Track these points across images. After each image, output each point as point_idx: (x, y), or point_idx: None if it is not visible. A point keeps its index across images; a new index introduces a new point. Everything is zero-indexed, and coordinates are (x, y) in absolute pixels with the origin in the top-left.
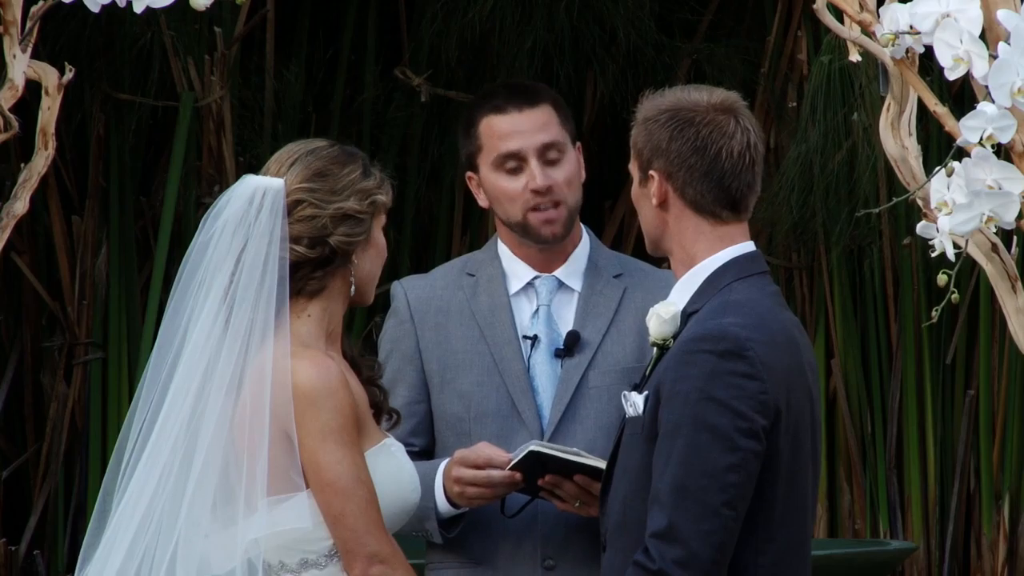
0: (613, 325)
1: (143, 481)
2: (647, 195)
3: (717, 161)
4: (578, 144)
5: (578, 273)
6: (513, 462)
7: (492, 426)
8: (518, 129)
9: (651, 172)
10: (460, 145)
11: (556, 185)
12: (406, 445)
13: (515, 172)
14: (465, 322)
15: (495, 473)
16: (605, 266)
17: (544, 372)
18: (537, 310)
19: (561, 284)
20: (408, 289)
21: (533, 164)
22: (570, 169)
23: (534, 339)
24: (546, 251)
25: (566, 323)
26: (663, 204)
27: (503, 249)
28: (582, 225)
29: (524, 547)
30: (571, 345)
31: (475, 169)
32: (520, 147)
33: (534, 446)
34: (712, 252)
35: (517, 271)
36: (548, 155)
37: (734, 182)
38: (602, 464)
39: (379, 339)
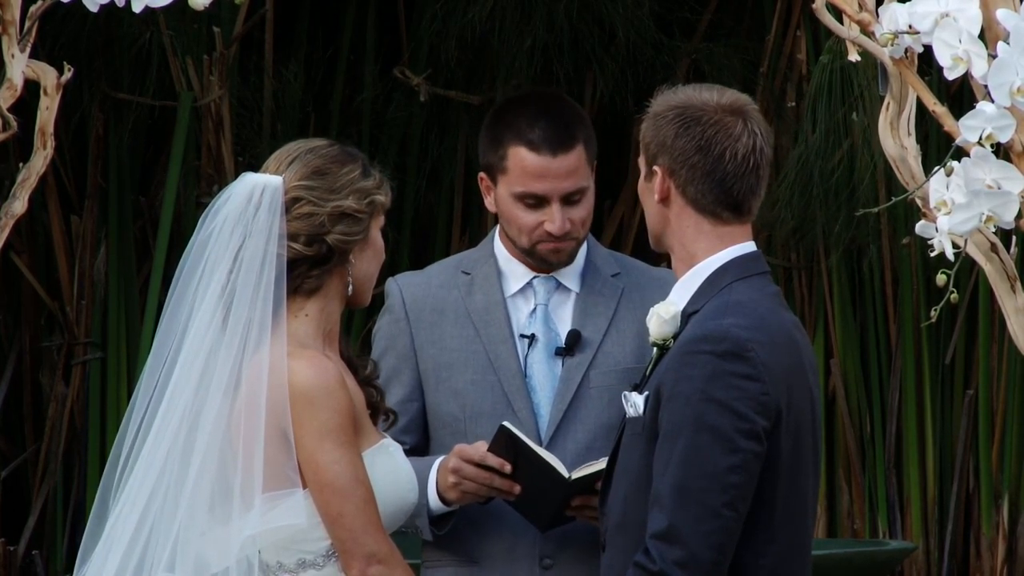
0: (612, 325)
1: (141, 480)
2: (651, 190)
3: (720, 162)
4: (594, 164)
5: (576, 274)
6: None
7: (487, 425)
8: (548, 175)
9: (655, 167)
10: (480, 147)
11: (573, 226)
12: (398, 442)
13: (534, 207)
14: (460, 320)
15: (497, 480)
16: (603, 266)
17: (541, 371)
18: (535, 309)
19: (559, 285)
20: (403, 286)
21: (555, 208)
22: (589, 206)
23: (531, 338)
24: None
25: (564, 323)
26: (665, 200)
27: (500, 249)
28: None
29: (521, 546)
30: (572, 344)
31: (492, 179)
32: (546, 192)
33: (506, 424)
34: (712, 251)
35: (515, 271)
36: (572, 198)
37: (736, 184)
38: (563, 470)
39: (373, 335)
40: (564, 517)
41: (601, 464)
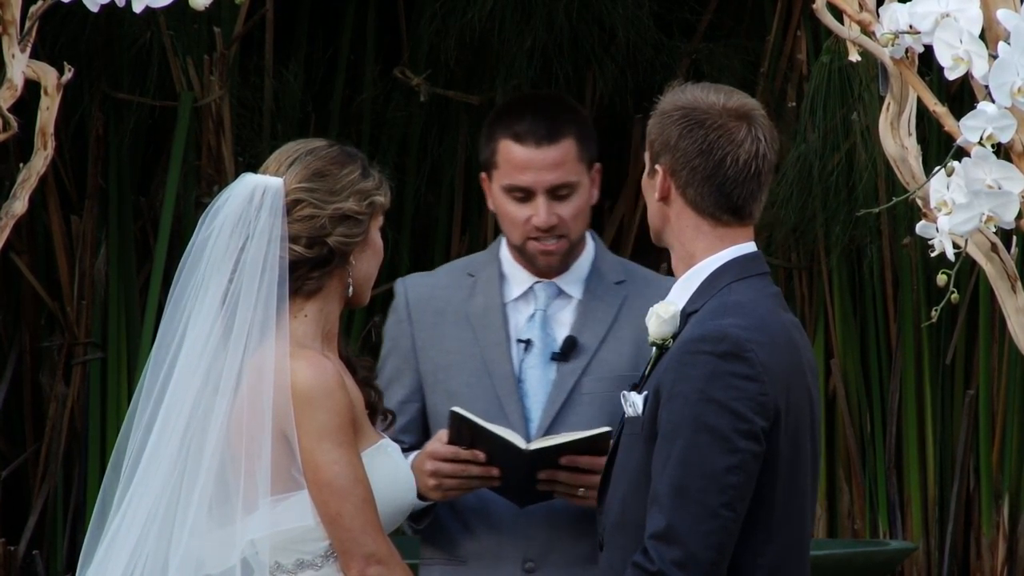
0: (611, 332)
1: (147, 483)
2: (652, 187)
3: (721, 167)
4: (596, 166)
5: (579, 281)
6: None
7: None
8: (531, 166)
9: (657, 166)
10: (480, 145)
11: (561, 222)
12: (397, 442)
13: (523, 201)
14: (460, 323)
15: (472, 468)
16: (608, 272)
17: (536, 376)
18: (534, 314)
19: (560, 291)
20: (409, 287)
21: (540, 201)
22: (579, 203)
23: (527, 343)
24: None
25: (563, 328)
26: (665, 199)
27: (505, 253)
28: (587, 232)
29: (506, 548)
30: (568, 350)
31: (489, 176)
32: (531, 184)
33: (456, 408)
34: (712, 251)
35: (517, 276)
36: (559, 192)
37: (736, 189)
38: (521, 442)
39: (383, 334)
40: (539, 493)
41: (562, 438)
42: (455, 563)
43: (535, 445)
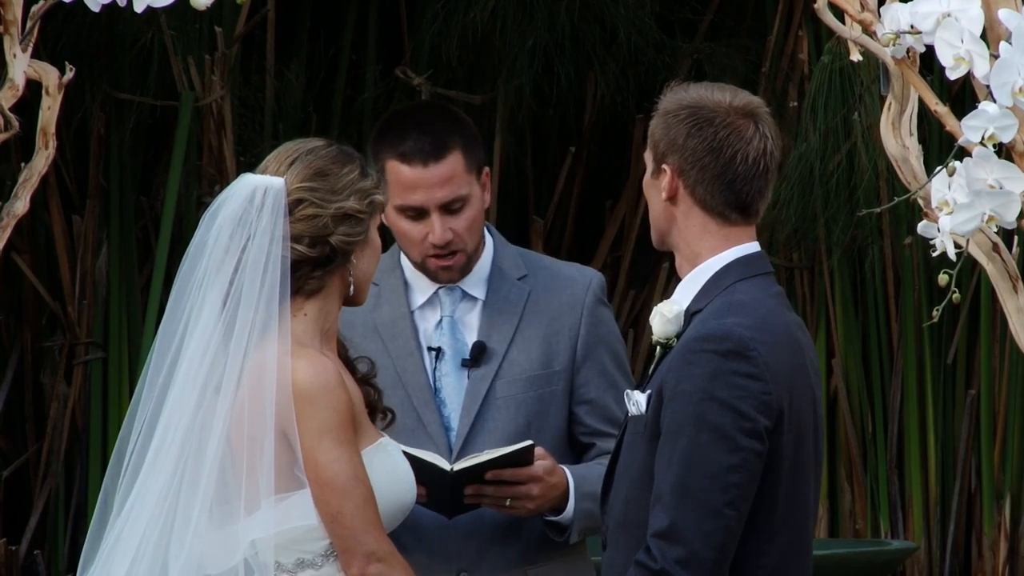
0: (518, 333)
1: (149, 484)
2: (658, 187)
3: (731, 165)
4: (485, 171)
5: (481, 281)
6: None
7: (400, 440)
8: (421, 185)
9: (664, 166)
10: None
11: (456, 236)
12: None
13: (416, 219)
14: (368, 335)
15: None
16: (509, 269)
17: (450, 384)
18: (441, 321)
19: (465, 294)
20: None
21: (434, 218)
22: (472, 214)
23: (438, 351)
24: None
25: (471, 331)
26: (672, 199)
27: (405, 261)
28: (485, 228)
29: (436, 560)
30: (477, 356)
31: None
32: (422, 202)
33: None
34: (717, 251)
35: (420, 283)
36: (451, 207)
37: (745, 187)
38: (445, 464)
39: None
40: (466, 505)
41: (485, 456)
42: None
43: (459, 466)
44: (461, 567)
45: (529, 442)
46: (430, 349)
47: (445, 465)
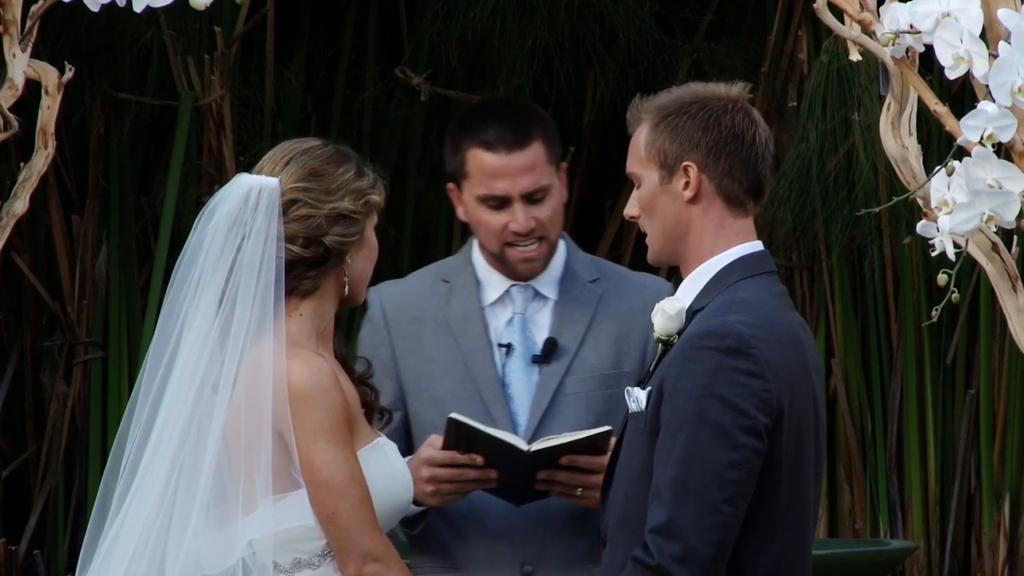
0: (589, 332)
1: (146, 484)
2: (672, 193)
3: (753, 147)
4: (562, 166)
5: (554, 282)
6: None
7: None
8: (505, 172)
9: (684, 165)
10: (446, 155)
11: (539, 224)
12: None
13: (498, 208)
14: (439, 330)
15: (470, 471)
16: (581, 272)
17: (519, 380)
18: (512, 318)
19: (536, 293)
20: (383, 296)
21: (517, 207)
22: (554, 205)
23: (508, 347)
24: None
25: (541, 330)
26: (695, 198)
27: (478, 258)
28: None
29: (502, 552)
30: (549, 352)
31: (458, 187)
32: (506, 191)
33: (453, 414)
34: (729, 247)
35: (492, 281)
36: (534, 196)
37: (762, 167)
38: (522, 444)
39: (357, 344)
40: (536, 492)
41: (563, 438)
42: (450, 570)
43: (536, 446)
44: (525, 560)
45: (608, 427)
46: (500, 345)
47: (522, 445)
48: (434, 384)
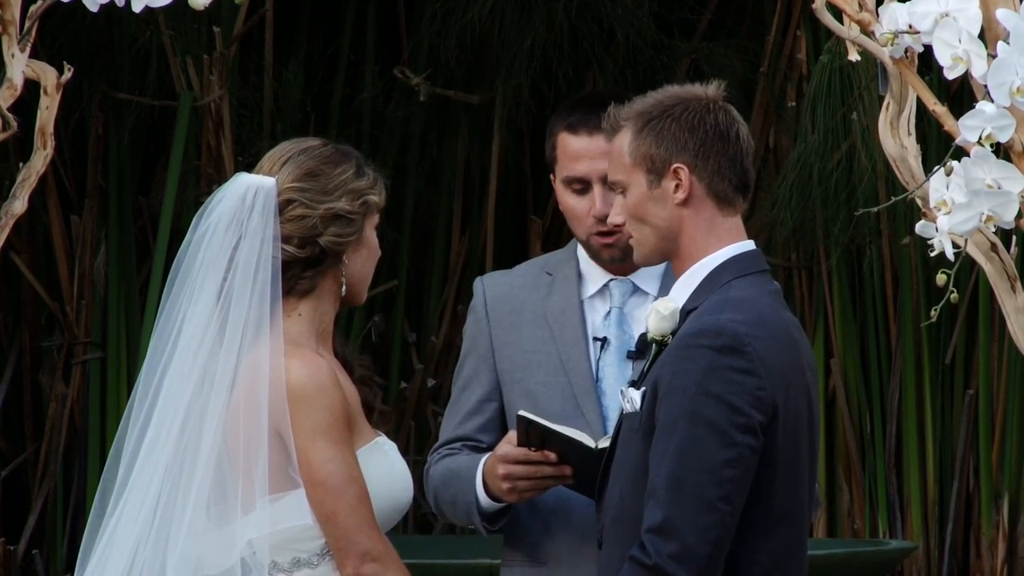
0: None
1: (143, 482)
2: (662, 197)
3: (737, 142)
4: None
5: (655, 277)
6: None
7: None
8: (586, 154)
9: (674, 168)
10: (545, 146)
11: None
12: (475, 441)
13: (581, 193)
14: (537, 321)
15: (545, 468)
16: None
17: (612, 374)
18: (609, 312)
19: (636, 288)
20: (487, 286)
21: (596, 191)
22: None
23: (604, 341)
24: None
25: (639, 325)
26: (687, 200)
27: (581, 251)
28: None
29: (587, 548)
30: (643, 348)
31: (553, 174)
32: (585, 172)
33: (522, 411)
34: (720, 246)
35: (592, 274)
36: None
37: (746, 162)
38: (590, 442)
39: (462, 333)
40: None
41: None
42: (536, 565)
43: (603, 443)
44: None
45: None
46: (595, 339)
47: (590, 443)
48: (528, 376)
